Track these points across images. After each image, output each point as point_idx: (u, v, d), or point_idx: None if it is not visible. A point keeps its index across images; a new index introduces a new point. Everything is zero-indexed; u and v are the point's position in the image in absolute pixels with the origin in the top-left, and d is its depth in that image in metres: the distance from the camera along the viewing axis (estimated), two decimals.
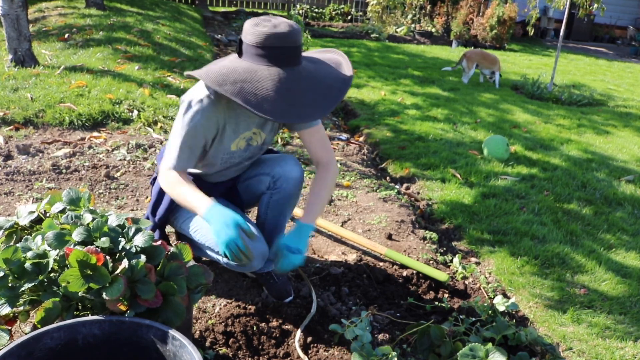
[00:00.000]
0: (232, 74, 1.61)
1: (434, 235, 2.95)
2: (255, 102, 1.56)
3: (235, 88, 1.57)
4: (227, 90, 1.57)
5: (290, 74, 1.61)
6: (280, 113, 1.58)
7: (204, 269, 1.61)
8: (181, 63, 6.10)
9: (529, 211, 3.38)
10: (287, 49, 1.61)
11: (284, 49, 1.60)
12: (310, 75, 1.67)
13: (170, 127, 4.18)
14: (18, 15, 4.90)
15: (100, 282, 1.36)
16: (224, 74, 1.61)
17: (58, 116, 3.96)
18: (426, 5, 12.04)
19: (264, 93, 1.57)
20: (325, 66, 1.77)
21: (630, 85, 8.45)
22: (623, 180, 4.04)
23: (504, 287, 2.57)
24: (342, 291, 2.27)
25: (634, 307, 2.46)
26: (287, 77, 1.61)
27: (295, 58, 1.64)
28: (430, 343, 1.89)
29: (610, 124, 5.82)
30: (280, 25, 1.61)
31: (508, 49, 11.25)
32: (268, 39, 1.59)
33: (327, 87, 1.70)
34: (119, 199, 2.99)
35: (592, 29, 14.68)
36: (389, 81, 6.89)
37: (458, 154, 4.29)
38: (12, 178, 3.08)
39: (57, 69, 4.98)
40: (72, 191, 1.70)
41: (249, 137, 1.96)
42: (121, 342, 1.38)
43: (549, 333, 2.24)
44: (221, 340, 1.90)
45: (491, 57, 7.11)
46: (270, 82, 1.58)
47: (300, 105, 1.62)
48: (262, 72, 1.60)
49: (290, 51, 1.62)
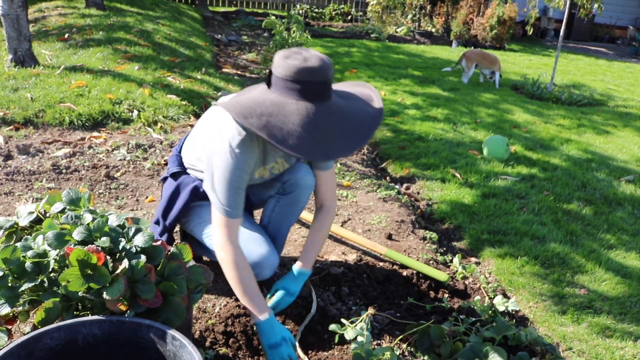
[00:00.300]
0: (259, 107, 1.57)
1: (434, 235, 2.95)
2: (281, 137, 1.51)
3: (261, 122, 1.53)
4: (253, 124, 1.53)
5: (319, 109, 1.56)
6: (306, 150, 1.53)
7: (204, 269, 1.61)
8: (181, 63, 6.10)
9: (529, 211, 3.38)
10: (317, 83, 1.56)
11: (313, 83, 1.55)
12: (339, 111, 1.62)
13: (170, 127, 4.19)
14: (18, 15, 4.90)
15: (100, 282, 1.36)
16: (251, 106, 1.57)
17: (58, 116, 3.96)
18: (426, 5, 12.03)
19: (290, 128, 1.52)
20: (355, 102, 1.71)
21: (630, 85, 8.45)
22: (623, 180, 4.05)
23: (504, 287, 2.57)
24: (342, 291, 2.27)
25: (634, 307, 2.46)
26: (316, 112, 1.55)
27: (324, 93, 1.59)
28: (430, 343, 1.88)
29: (610, 124, 5.82)
30: (311, 59, 1.57)
31: (508, 49, 11.25)
32: (298, 73, 1.54)
33: (356, 124, 1.64)
34: (119, 199, 2.99)
35: (592, 29, 14.68)
36: (389, 81, 6.89)
37: (458, 154, 4.29)
38: (12, 178, 3.08)
39: (57, 69, 4.98)
40: (72, 191, 1.70)
41: (271, 167, 1.97)
42: (121, 342, 1.38)
43: (549, 333, 2.24)
44: (221, 340, 1.90)
45: (491, 56, 7.11)
46: (297, 116, 1.54)
47: (327, 142, 1.56)
48: (290, 106, 1.55)
49: (320, 86, 1.57)
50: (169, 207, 2.02)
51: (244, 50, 8.26)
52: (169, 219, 2.02)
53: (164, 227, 2.04)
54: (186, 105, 4.64)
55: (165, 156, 3.61)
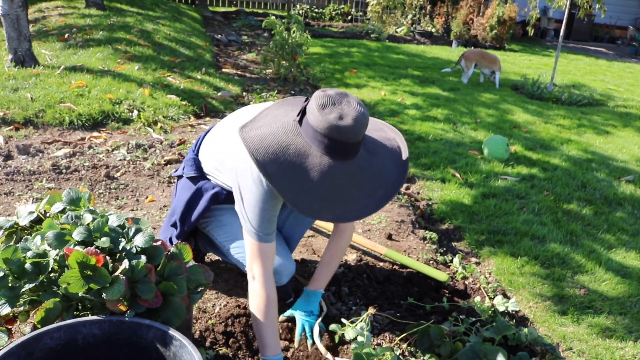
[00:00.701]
0: (282, 154, 1.50)
1: (434, 236, 2.95)
2: (294, 193, 1.48)
3: (279, 173, 1.49)
4: (271, 176, 1.48)
5: (341, 169, 1.50)
6: (316, 210, 1.52)
7: (204, 269, 1.61)
8: (181, 63, 6.10)
9: (529, 211, 3.38)
10: (347, 144, 1.48)
11: (343, 144, 1.48)
12: (361, 172, 1.55)
13: (170, 127, 4.19)
14: (18, 15, 4.90)
15: (100, 283, 1.36)
16: (274, 152, 1.50)
17: (58, 116, 3.97)
18: (426, 5, 12.03)
19: (307, 186, 1.49)
20: (381, 159, 1.62)
21: (630, 85, 8.45)
22: (623, 180, 4.05)
23: (504, 287, 2.57)
24: (342, 291, 2.27)
25: (634, 307, 2.46)
26: (337, 171, 1.50)
27: (352, 152, 1.52)
28: (430, 343, 1.88)
29: (610, 124, 5.82)
30: (347, 116, 1.47)
31: (508, 49, 11.25)
32: (329, 129, 1.46)
33: (374, 187, 1.58)
34: (119, 199, 2.99)
35: (592, 29, 14.67)
36: (389, 81, 6.89)
37: (458, 154, 4.29)
38: (12, 178, 3.08)
39: (57, 69, 4.98)
40: (72, 191, 1.70)
41: None
42: (121, 342, 1.38)
43: (549, 333, 2.24)
44: (221, 340, 1.90)
45: (490, 56, 7.11)
46: (317, 173, 1.49)
47: (341, 203, 1.54)
48: (313, 159, 1.49)
49: (349, 147, 1.50)
50: (187, 211, 2.01)
51: (244, 50, 8.26)
52: (188, 225, 2.01)
53: (182, 231, 2.03)
54: (186, 105, 4.64)
55: (166, 156, 3.61)
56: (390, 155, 1.65)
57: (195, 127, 4.30)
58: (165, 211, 2.86)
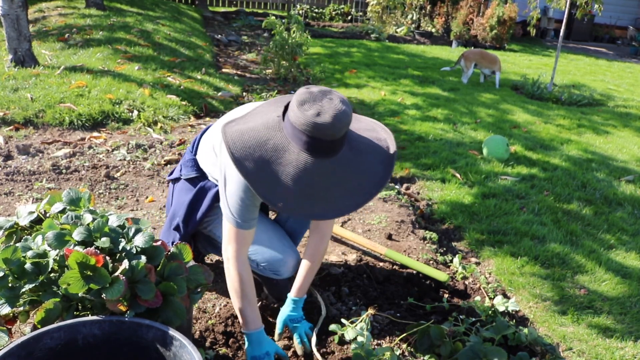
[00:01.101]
0: (259, 149, 1.48)
1: (434, 236, 2.95)
2: (268, 189, 1.47)
3: (254, 168, 1.47)
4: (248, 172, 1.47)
5: (318, 166, 1.47)
6: (291, 205, 1.49)
7: (204, 269, 1.61)
8: (181, 63, 6.10)
9: (529, 211, 3.38)
10: (325, 141, 1.45)
11: (321, 141, 1.45)
12: (340, 170, 1.51)
13: (170, 127, 4.19)
14: (18, 15, 4.90)
15: (100, 283, 1.36)
16: (251, 146, 1.49)
17: (58, 116, 3.97)
18: (426, 5, 12.03)
19: (282, 181, 1.46)
20: (367, 158, 1.58)
21: (630, 85, 8.45)
22: (623, 180, 4.05)
23: (504, 287, 2.57)
24: (342, 291, 2.27)
25: (634, 307, 2.46)
26: (314, 168, 1.46)
27: (332, 149, 1.48)
28: (430, 343, 1.89)
29: (610, 124, 5.82)
30: (325, 113, 1.43)
31: (508, 49, 11.25)
32: (306, 126, 1.43)
33: (354, 188, 1.55)
34: (119, 199, 2.99)
35: (592, 29, 14.67)
36: (389, 81, 6.89)
37: (458, 154, 4.29)
38: (12, 178, 3.08)
39: (57, 69, 4.99)
40: (72, 191, 1.70)
41: None
42: (121, 342, 1.38)
43: (549, 333, 2.24)
44: (221, 340, 1.90)
45: (490, 56, 7.11)
46: (292, 169, 1.46)
47: (320, 201, 1.50)
48: (290, 155, 1.47)
49: (328, 144, 1.46)
50: (190, 212, 2.00)
51: (244, 51, 8.26)
52: (192, 225, 2.01)
53: (185, 234, 2.03)
54: (186, 106, 4.64)
55: (166, 156, 3.61)
56: (379, 156, 1.63)
57: (195, 127, 4.30)
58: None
